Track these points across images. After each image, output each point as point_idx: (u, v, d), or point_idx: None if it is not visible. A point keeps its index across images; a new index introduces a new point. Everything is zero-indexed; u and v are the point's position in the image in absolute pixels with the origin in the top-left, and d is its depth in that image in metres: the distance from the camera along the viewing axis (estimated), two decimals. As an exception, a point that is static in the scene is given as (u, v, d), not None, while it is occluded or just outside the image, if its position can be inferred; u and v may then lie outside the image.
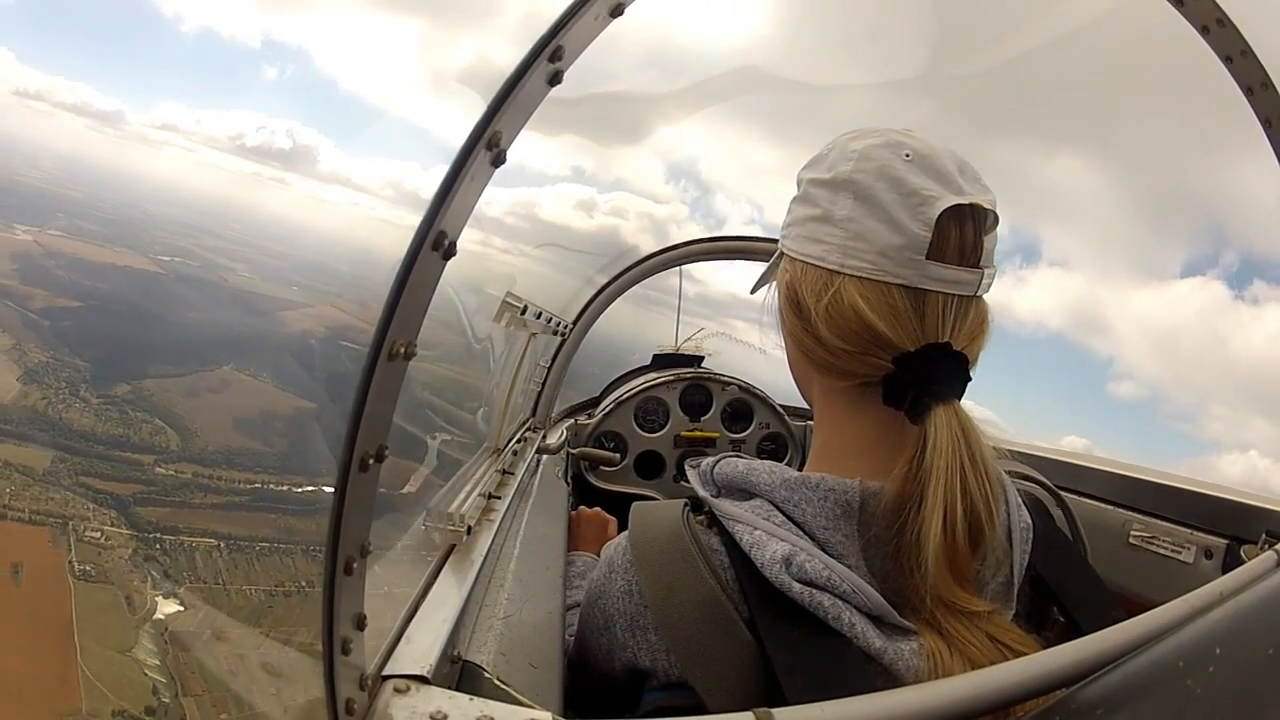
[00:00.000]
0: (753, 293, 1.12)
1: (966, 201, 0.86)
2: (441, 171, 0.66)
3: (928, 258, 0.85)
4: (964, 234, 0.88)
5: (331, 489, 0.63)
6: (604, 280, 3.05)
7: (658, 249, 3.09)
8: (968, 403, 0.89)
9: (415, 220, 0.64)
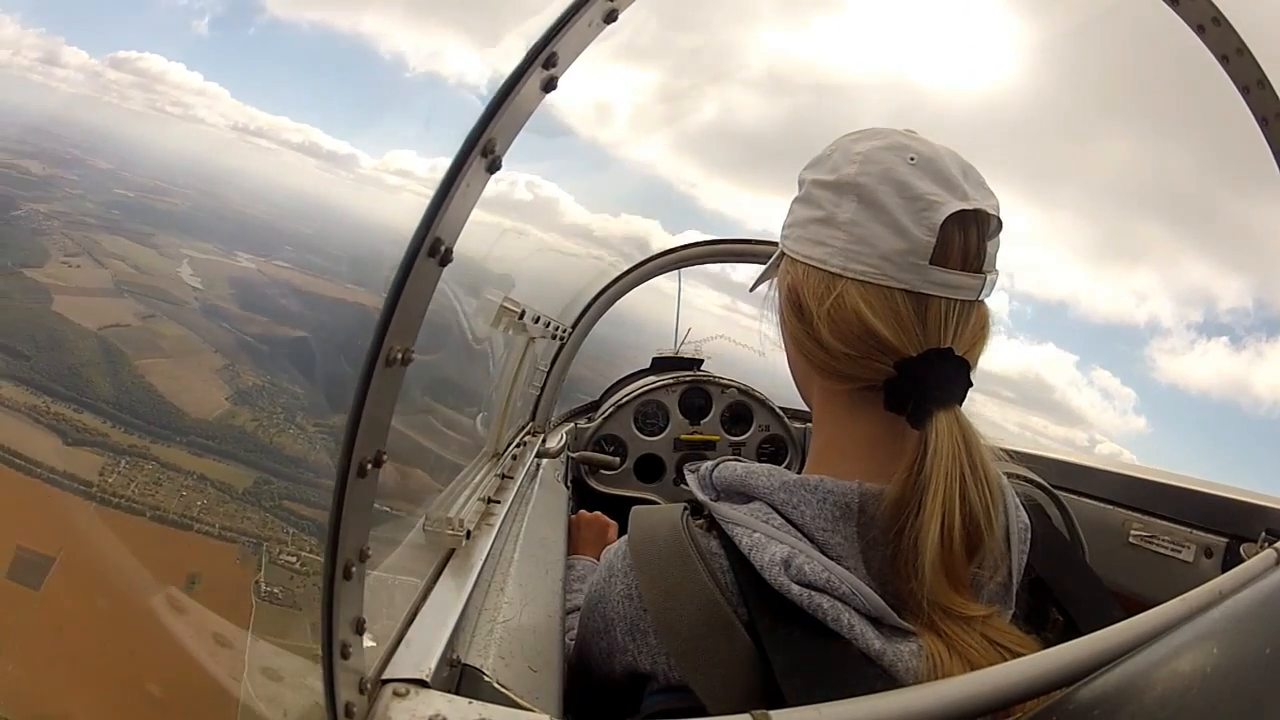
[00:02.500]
0: (751, 290, 1.12)
1: (971, 207, 0.86)
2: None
3: (931, 263, 0.85)
4: (967, 239, 0.87)
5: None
6: (603, 284, 3.05)
7: (655, 252, 3.09)
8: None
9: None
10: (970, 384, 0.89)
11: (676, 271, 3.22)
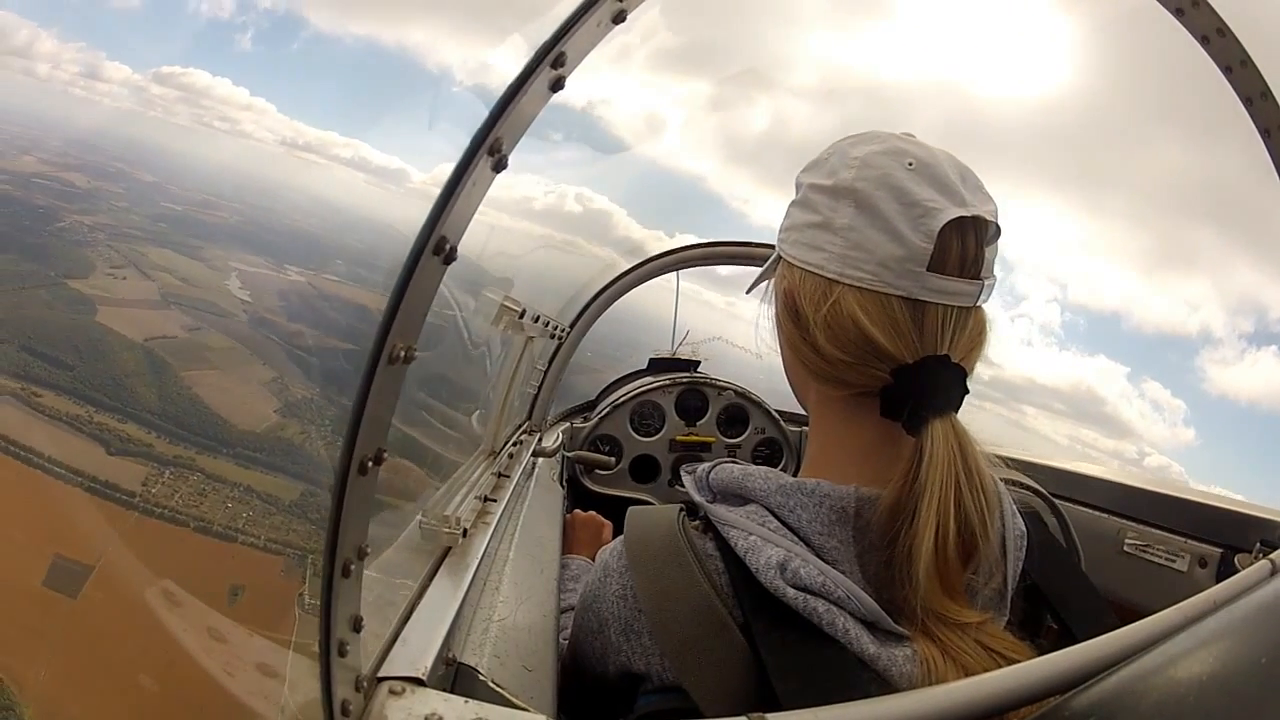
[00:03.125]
0: (748, 292, 1.11)
1: (970, 214, 0.86)
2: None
3: (928, 269, 0.85)
4: (965, 246, 0.87)
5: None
6: (601, 284, 3.05)
7: (655, 254, 3.10)
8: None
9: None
10: (967, 391, 0.89)
11: (675, 273, 3.23)
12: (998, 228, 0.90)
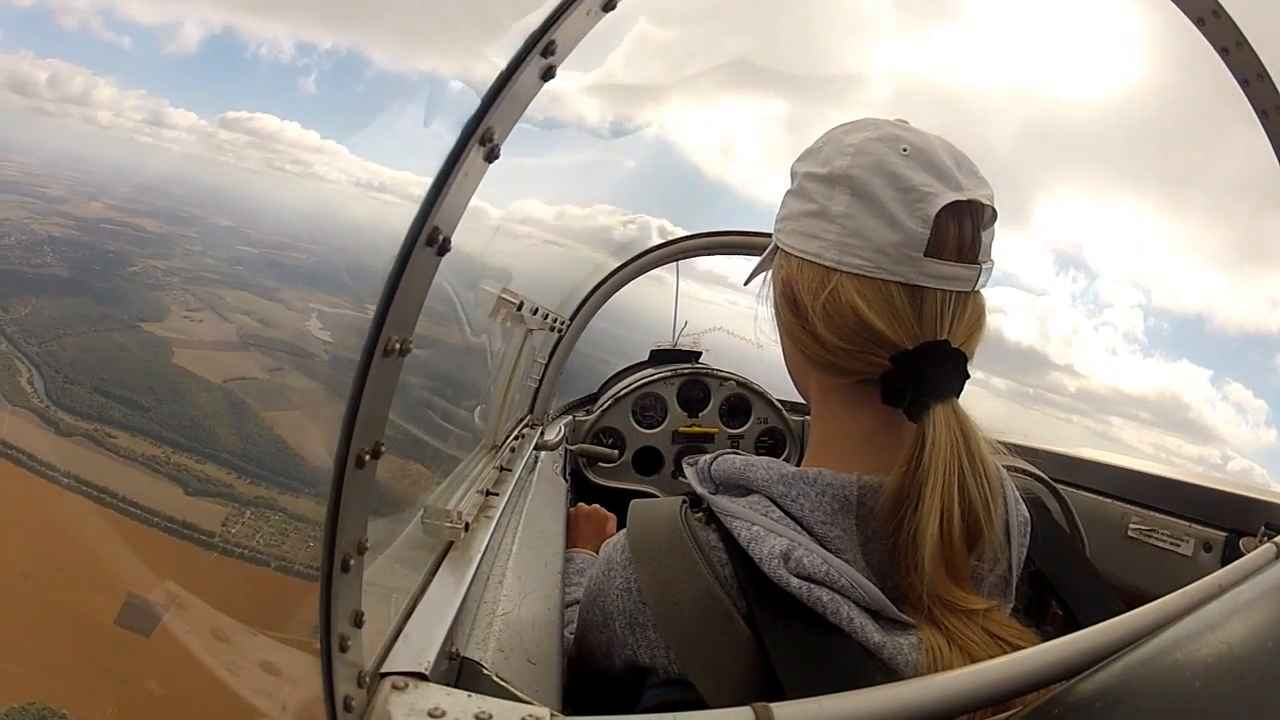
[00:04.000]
0: (746, 284, 1.11)
1: (965, 198, 0.85)
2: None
3: (926, 255, 0.84)
4: (962, 230, 0.87)
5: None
6: (601, 276, 3.05)
7: (654, 244, 3.09)
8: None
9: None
10: (967, 375, 0.89)
11: (675, 264, 3.22)
12: (994, 212, 0.90)
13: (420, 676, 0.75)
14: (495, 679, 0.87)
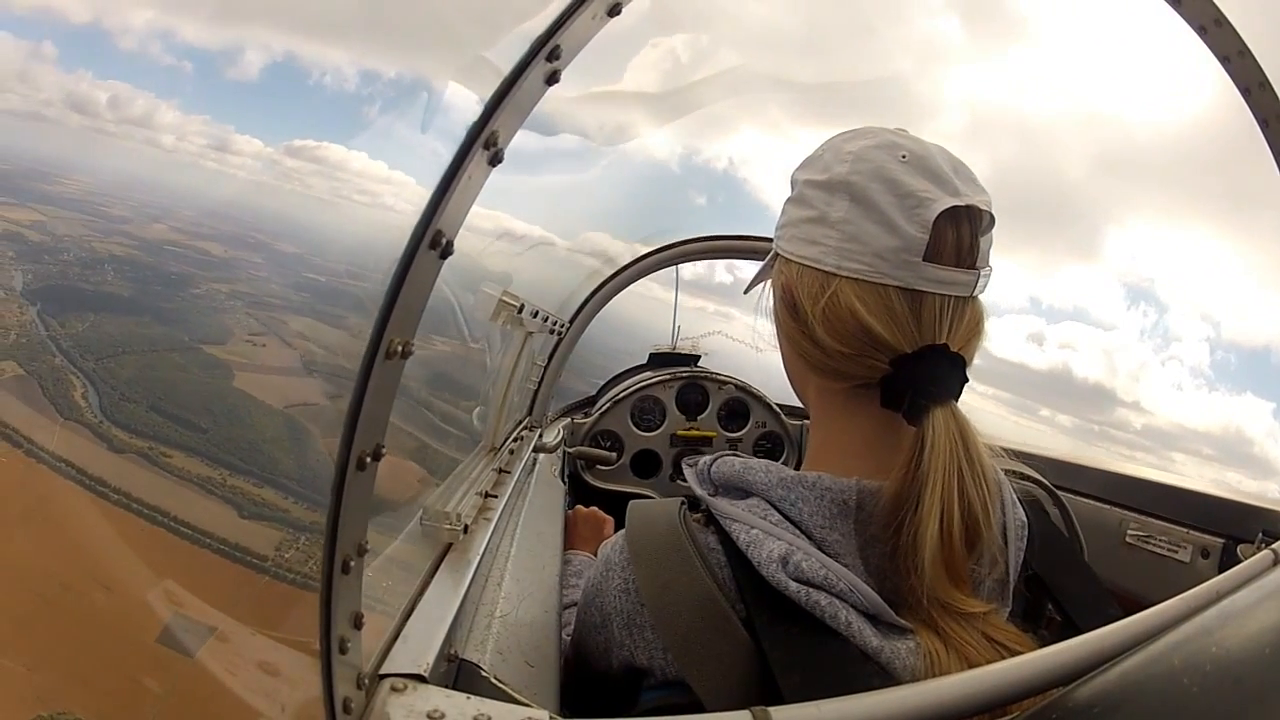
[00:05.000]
0: (746, 293, 1.12)
1: (963, 203, 0.86)
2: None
3: (924, 259, 0.85)
4: (960, 235, 0.87)
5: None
6: (600, 279, 3.05)
7: (653, 248, 3.09)
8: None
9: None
10: (966, 380, 0.89)
11: (674, 267, 3.23)
12: (991, 217, 0.90)
13: (419, 678, 0.75)
14: (493, 681, 0.87)
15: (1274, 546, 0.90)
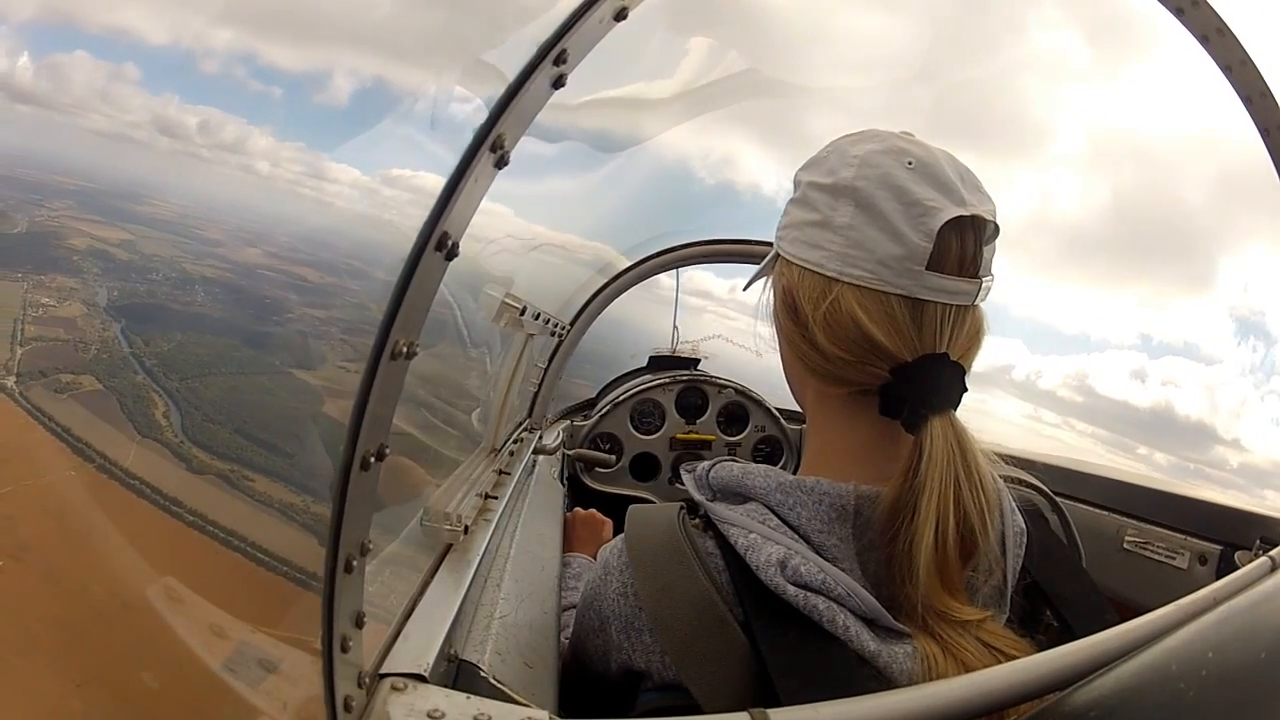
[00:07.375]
0: (745, 290, 1.12)
1: (969, 213, 0.86)
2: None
3: (928, 268, 0.85)
4: (964, 245, 0.87)
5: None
6: (602, 281, 3.05)
7: (654, 252, 3.09)
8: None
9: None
10: (965, 389, 0.89)
11: (675, 271, 3.22)
12: (996, 227, 0.90)
13: (419, 678, 0.75)
14: (492, 681, 0.87)
15: (1271, 553, 0.91)
